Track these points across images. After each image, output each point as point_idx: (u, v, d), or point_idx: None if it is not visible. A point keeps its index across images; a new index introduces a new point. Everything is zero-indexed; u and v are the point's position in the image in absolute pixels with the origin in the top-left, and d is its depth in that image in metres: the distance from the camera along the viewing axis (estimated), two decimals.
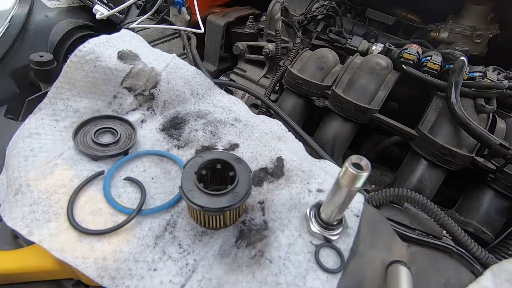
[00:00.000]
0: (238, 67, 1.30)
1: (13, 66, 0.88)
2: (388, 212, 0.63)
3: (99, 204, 0.51)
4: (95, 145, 0.59)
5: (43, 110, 0.63)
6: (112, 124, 0.63)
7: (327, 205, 0.49)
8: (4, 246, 0.50)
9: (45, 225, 0.47)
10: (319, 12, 1.23)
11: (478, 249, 0.57)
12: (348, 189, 0.42)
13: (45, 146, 0.58)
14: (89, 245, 0.46)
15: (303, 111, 0.97)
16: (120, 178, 0.56)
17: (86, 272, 0.43)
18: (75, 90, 0.65)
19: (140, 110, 0.68)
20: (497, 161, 0.76)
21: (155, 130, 0.66)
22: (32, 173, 0.52)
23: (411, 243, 0.57)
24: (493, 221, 0.77)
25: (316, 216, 0.51)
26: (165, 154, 0.61)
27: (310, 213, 0.52)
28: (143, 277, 0.44)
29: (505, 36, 1.23)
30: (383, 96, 0.88)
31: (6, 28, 0.87)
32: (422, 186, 0.81)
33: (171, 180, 0.58)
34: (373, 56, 0.96)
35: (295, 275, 0.46)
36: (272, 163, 0.62)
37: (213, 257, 0.48)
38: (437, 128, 0.83)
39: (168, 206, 0.53)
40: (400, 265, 0.49)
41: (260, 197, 0.56)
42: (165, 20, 1.21)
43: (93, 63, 0.64)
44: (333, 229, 0.51)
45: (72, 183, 0.53)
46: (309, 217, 0.52)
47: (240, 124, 0.70)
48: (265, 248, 0.49)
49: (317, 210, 0.52)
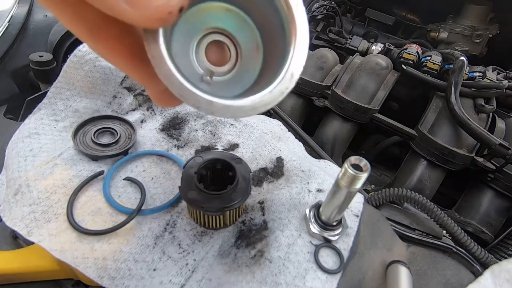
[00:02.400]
0: None
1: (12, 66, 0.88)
2: (388, 212, 0.63)
3: (98, 204, 0.51)
4: (94, 145, 0.59)
5: (42, 110, 0.63)
6: (112, 124, 0.63)
7: (326, 206, 0.49)
8: (4, 246, 0.50)
9: (44, 225, 0.47)
10: (318, 12, 1.23)
11: (478, 249, 0.57)
12: (348, 190, 0.42)
13: (44, 146, 0.58)
14: (89, 245, 0.46)
15: (303, 111, 0.97)
16: (120, 178, 0.56)
17: (86, 272, 0.43)
18: (74, 90, 0.65)
19: (140, 110, 0.68)
20: (497, 161, 0.76)
21: (154, 130, 0.66)
22: (32, 173, 0.52)
23: (411, 243, 0.57)
24: (492, 221, 0.77)
25: (315, 217, 0.51)
26: (165, 154, 0.61)
27: (310, 213, 0.52)
28: (142, 277, 0.44)
29: (505, 36, 1.23)
30: (383, 96, 0.88)
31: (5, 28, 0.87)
32: (422, 186, 0.81)
33: (171, 180, 0.58)
34: (373, 56, 0.96)
35: (295, 275, 0.46)
36: (272, 163, 0.62)
37: (213, 257, 0.48)
38: (437, 128, 0.83)
39: (168, 206, 0.53)
40: (400, 265, 0.49)
41: (260, 197, 0.56)
42: None
43: (93, 63, 0.64)
44: (333, 230, 0.51)
45: (71, 183, 0.52)
46: (309, 218, 0.52)
47: (240, 124, 0.70)
48: (265, 248, 0.49)
49: (317, 211, 0.52)
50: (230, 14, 0.27)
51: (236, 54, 0.28)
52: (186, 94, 0.21)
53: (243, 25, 0.28)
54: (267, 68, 0.28)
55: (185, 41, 0.27)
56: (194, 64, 0.28)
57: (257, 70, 0.29)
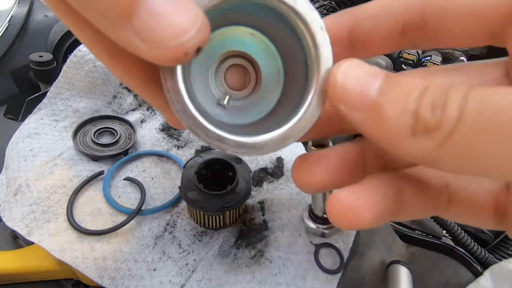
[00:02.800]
0: None
1: (12, 66, 0.87)
2: None
3: (98, 204, 0.51)
4: (94, 145, 0.59)
5: (42, 110, 0.63)
6: (112, 124, 0.63)
7: (312, 199, 0.48)
8: (4, 246, 0.50)
9: (44, 225, 0.47)
10: (318, 11, 1.23)
11: (478, 249, 0.57)
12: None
13: (44, 146, 0.58)
14: (89, 245, 0.46)
15: None
16: (120, 178, 0.56)
17: (86, 272, 0.43)
18: (74, 90, 0.65)
19: (140, 110, 0.68)
20: None
21: (154, 130, 0.66)
22: (32, 173, 0.52)
23: (411, 243, 0.57)
24: None
25: (310, 213, 0.51)
26: (165, 154, 0.61)
27: (306, 211, 0.52)
28: (142, 277, 0.44)
29: None
30: None
31: (5, 28, 0.87)
32: None
33: (171, 180, 0.58)
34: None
35: (295, 275, 0.46)
36: (272, 163, 0.62)
37: (213, 257, 0.48)
38: None
39: (168, 206, 0.53)
40: (400, 265, 0.49)
41: (260, 197, 0.56)
42: None
43: (93, 63, 0.64)
44: (326, 223, 0.50)
45: (71, 183, 0.52)
46: (305, 214, 0.51)
47: None
48: (265, 248, 0.49)
49: (310, 207, 0.52)
50: (253, 38, 0.27)
51: (255, 79, 0.28)
52: (199, 131, 0.21)
53: (266, 51, 0.27)
54: (285, 98, 0.27)
55: (205, 63, 0.26)
56: (212, 86, 0.27)
57: (276, 98, 0.28)
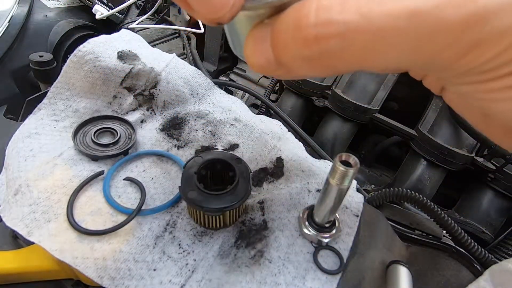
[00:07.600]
0: (238, 67, 1.30)
1: (12, 66, 0.88)
2: (388, 212, 0.63)
3: (98, 204, 0.51)
4: (94, 145, 0.59)
5: (42, 110, 0.63)
6: (112, 124, 0.63)
7: (318, 206, 0.48)
8: (4, 246, 0.50)
9: (44, 225, 0.47)
10: None
11: (478, 249, 0.57)
12: (338, 187, 0.42)
13: (44, 146, 0.58)
14: (89, 245, 0.46)
15: (303, 111, 0.97)
16: (120, 178, 0.56)
17: (86, 272, 0.43)
18: (74, 90, 0.65)
19: (140, 110, 0.68)
20: (497, 161, 0.76)
21: (155, 130, 0.66)
22: (32, 173, 0.52)
23: (411, 243, 0.57)
24: (492, 221, 0.77)
25: (309, 218, 0.51)
26: (165, 154, 0.61)
27: (304, 215, 0.52)
28: (142, 277, 0.44)
29: None
30: (383, 96, 0.88)
31: (5, 28, 0.87)
32: (422, 186, 0.81)
33: (171, 180, 0.58)
34: None
35: (295, 275, 0.46)
36: (272, 163, 0.62)
37: (213, 257, 0.48)
38: (437, 128, 0.83)
39: (168, 206, 0.53)
40: (400, 265, 0.49)
41: (260, 197, 0.56)
42: (165, 20, 1.21)
43: (93, 63, 0.64)
44: (326, 232, 0.50)
45: (71, 183, 0.53)
46: (303, 220, 0.51)
47: (240, 124, 0.70)
48: (265, 248, 0.49)
49: (310, 212, 0.51)
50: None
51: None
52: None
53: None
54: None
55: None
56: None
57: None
